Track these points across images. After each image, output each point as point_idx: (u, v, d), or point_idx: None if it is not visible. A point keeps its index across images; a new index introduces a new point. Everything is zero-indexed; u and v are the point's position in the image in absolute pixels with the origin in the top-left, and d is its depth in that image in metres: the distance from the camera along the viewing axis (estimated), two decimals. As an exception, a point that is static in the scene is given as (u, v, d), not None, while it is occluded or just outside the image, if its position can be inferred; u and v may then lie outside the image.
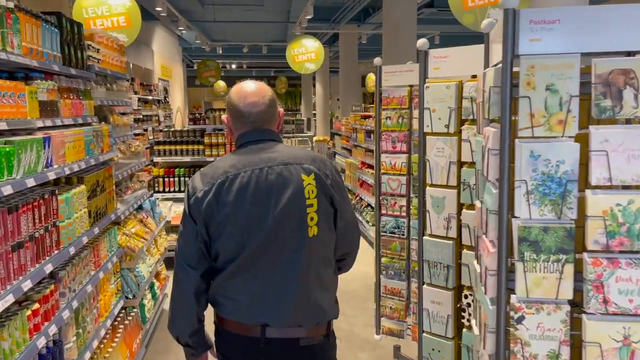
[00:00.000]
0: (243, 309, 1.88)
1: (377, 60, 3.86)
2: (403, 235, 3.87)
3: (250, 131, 1.97)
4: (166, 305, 5.06)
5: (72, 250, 2.88)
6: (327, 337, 1.97)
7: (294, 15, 12.89)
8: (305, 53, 10.71)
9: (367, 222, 7.70)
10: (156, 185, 6.43)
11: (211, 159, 6.56)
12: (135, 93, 10.88)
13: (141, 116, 11.32)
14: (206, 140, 6.53)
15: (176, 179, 6.43)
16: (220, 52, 15.78)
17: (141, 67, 13.34)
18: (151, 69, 14.44)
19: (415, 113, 3.49)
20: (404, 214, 3.86)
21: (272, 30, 16.63)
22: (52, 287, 2.65)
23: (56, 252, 2.70)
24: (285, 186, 1.86)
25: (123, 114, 4.94)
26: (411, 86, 3.71)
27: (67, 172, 2.92)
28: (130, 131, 4.63)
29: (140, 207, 4.64)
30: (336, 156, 11.06)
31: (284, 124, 4.47)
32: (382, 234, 3.98)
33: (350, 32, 14.19)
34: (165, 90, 14.11)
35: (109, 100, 4.17)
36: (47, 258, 2.59)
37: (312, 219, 1.87)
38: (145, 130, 11.45)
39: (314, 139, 17.18)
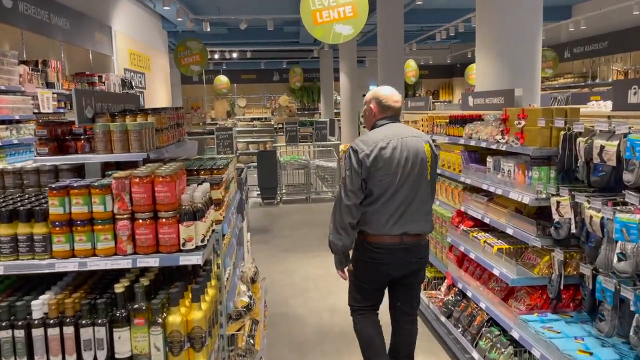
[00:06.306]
0: (389, 225, 3.08)
1: None
2: None
3: (391, 116, 3.26)
4: None
5: None
6: (427, 241, 3.33)
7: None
8: (335, 7, 6.13)
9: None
10: None
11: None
12: (48, 86, 6.48)
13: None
14: (52, 207, 2.08)
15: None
16: (208, 30, 11.30)
17: (85, 48, 8.95)
18: (108, 54, 10.08)
19: None
20: None
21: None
22: None
23: None
24: (417, 150, 3.13)
25: None
26: None
27: None
28: None
29: None
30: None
31: (300, 126, 11.72)
32: None
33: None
34: (129, 85, 9.73)
35: None
36: None
37: (427, 169, 3.18)
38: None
39: (340, 147, 12.73)
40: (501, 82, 5.13)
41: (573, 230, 3.01)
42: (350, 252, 3.27)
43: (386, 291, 3.41)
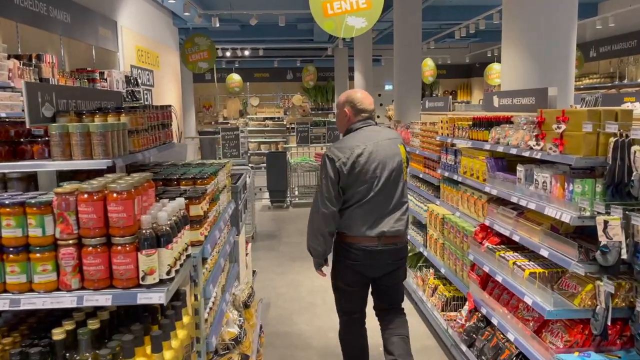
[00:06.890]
0: (367, 227, 3.13)
1: None
2: None
3: (365, 118, 3.27)
4: None
5: None
6: (406, 242, 3.39)
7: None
8: (347, -2, 5.65)
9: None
10: None
11: None
12: (42, 82, 6.11)
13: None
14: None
15: None
16: (218, 25, 10.90)
17: (88, 44, 8.60)
18: (113, 50, 9.71)
19: None
20: None
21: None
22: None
23: None
24: (393, 152, 3.19)
25: None
26: None
27: None
28: None
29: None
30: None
31: (312, 127, 12.08)
32: None
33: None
34: (134, 82, 9.35)
35: None
36: None
37: (403, 171, 3.25)
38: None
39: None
40: (530, 81, 4.62)
41: (624, 256, 2.51)
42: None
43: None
